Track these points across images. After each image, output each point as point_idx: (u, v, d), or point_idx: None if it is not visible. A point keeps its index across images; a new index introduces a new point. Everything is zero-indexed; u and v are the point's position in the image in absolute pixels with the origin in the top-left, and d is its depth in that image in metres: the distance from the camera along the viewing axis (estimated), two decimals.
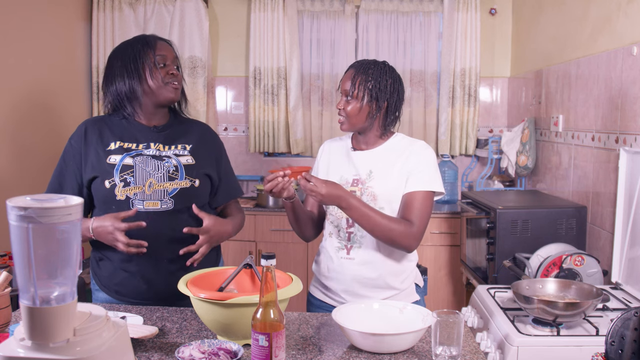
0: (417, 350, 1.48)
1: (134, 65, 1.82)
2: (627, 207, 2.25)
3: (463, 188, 4.13)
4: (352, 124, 1.88)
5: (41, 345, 1.02)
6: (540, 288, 1.97)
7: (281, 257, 3.66)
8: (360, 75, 1.85)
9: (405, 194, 1.84)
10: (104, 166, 1.80)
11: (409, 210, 1.81)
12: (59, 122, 3.68)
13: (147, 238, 1.75)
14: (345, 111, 1.87)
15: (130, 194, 1.78)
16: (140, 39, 1.88)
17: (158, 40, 1.89)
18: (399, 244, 1.79)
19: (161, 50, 1.86)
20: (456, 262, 3.61)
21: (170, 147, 1.88)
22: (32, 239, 0.99)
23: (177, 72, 1.88)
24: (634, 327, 1.24)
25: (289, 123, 4.16)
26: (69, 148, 1.87)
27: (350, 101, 1.86)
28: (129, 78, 1.83)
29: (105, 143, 1.84)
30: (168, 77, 1.84)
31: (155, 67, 1.83)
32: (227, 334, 1.49)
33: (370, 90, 1.84)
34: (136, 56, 1.83)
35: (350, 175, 1.90)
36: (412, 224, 1.79)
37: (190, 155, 1.89)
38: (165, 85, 1.84)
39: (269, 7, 4.09)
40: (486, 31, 4.13)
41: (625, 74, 2.40)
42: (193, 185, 1.85)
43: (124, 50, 1.86)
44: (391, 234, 1.77)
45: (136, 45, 1.85)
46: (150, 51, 1.83)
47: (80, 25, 4.06)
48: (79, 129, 1.88)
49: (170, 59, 1.87)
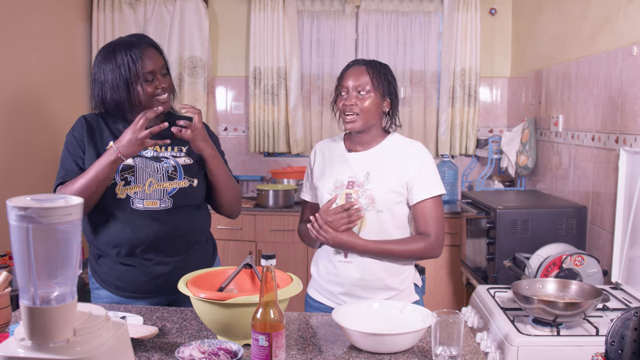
0: (417, 350, 1.48)
1: (121, 82, 1.77)
2: (627, 207, 2.25)
3: (463, 188, 4.13)
4: (365, 120, 1.83)
5: (41, 345, 1.02)
6: (540, 288, 1.97)
7: (281, 257, 3.66)
8: (373, 70, 1.83)
9: (415, 204, 1.86)
10: None
11: (424, 222, 1.85)
12: (58, 122, 3.68)
13: (147, 236, 1.81)
14: (359, 107, 1.81)
15: (130, 192, 1.80)
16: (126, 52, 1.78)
17: (145, 49, 1.80)
18: (423, 259, 1.89)
19: (149, 64, 1.79)
20: (456, 262, 3.61)
21: (166, 149, 1.89)
22: (32, 239, 0.99)
23: (166, 84, 1.84)
24: (634, 327, 1.24)
25: (289, 123, 4.16)
26: (72, 139, 1.86)
27: (365, 96, 1.81)
28: (115, 93, 1.78)
29: (105, 142, 1.85)
30: (157, 91, 1.82)
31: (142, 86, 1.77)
32: (227, 334, 1.49)
33: (383, 86, 1.83)
34: (121, 75, 1.77)
35: (345, 177, 1.88)
36: (428, 236, 1.84)
37: (187, 155, 1.90)
38: (153, 99, 1.81)
39: (269, 7, 4.09)
40: (486, 31, 4.13)
41: (625, 74, 2.40)
42: (192, 185, 1.88)
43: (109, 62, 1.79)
44: (411, 255, 1.86)
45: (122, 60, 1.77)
46: (137, 68, 1.77)
47: (80, 25, 4.06)
48: (79, 123, 1.88)
49: (158, 69, 1.82)
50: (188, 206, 1.88)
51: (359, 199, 1.84)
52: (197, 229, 1.94)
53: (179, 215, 1.85)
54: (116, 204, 1.80)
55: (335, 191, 1.88)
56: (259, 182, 4.22)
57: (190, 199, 1.88)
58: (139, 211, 1.80)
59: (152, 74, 1.80)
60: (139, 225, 1.80)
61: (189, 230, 1.88)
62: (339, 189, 1.87)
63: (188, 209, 1.88)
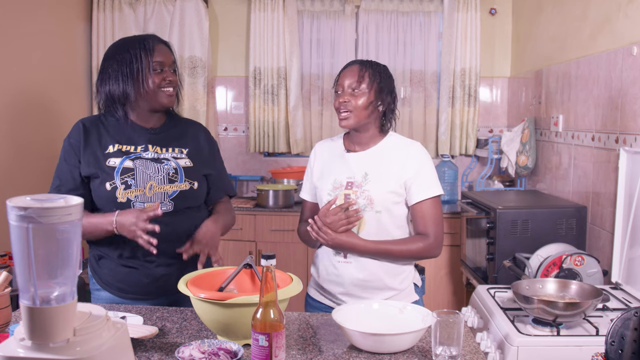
0: (417, 350, 1.48)
1: (129, 69, 1.80)
2: (627, 207, 2.24)
3: (463, 188, 4.13)
4: (358, 118, 1.84)
5: (41, 345, 1.02)
6: (540, 288, 1.97)
7: (281, 257, 3.66)
8: (367, 69, 1.85)
9: (413, 205, 1.87)
10: (104, 168, 1.81)
11: (423, 222, 1.86)
12: (58, 122, 3.68)
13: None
14: (352, 104, 1.83)
15: (131, 196, 1.80)
16: (139, 42, 1.85)
17: (157, 43, 1.86)
18: (423, 258, 1.90)
19: (159, 55, 1.83)
20: (456, 262, 3.61)
21: (167, 150, 1.89)
22: (32, 239, 0.99)
23: (173, 78, 1.87)
24: (634, 327, 1.24)
25: (289, 123, 4.16)
26: (67, 146, 1.86)
27: (358, 94, 1.83)
28: (123, 82, 1.81)
29: (103, 145, 1.85)
30: (164, 83, 1.84)
31: (150, 73, 1.81)
32: (227, 334, 1.49)
33: (378, 85, 1.84)
34: (132, 60, 1.81)
35: (344, 177, 1.88)
36: (427, 236, 1.85)
37: (187, 157, 1.90)
38: (159, 90, 1.83)
39: (269, 7, 4.09)
40: (486, 31, 4.13)
41: (625, 74, 2.40)
42: (192, 188, 1.88)
43: (121, 51, 1.84)
44: (411, 255, 1.87)
45: (134, 48, 1.82)
46: (147, 56, 1.81)
47: (80, 25, 4.06)
48: (76, 128, 1.88)
49: (167, 64, 1.85)
50: (189, 208, 1.88)
51: (357, 199, 1.84)
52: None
53: (180, 218, 1.85)
54: (117, 208, 1.79)
55: (334, 192, 1.88)
56: (259, 182, 4.22)
57: (191, 201, 1.89)
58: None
59: (161, 65, 1.83)
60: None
61: (190, 231, 1.88)
62: (338, 190, 1.87)
63: (189, 211, 1.88)
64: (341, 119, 1.86)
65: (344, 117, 1.85)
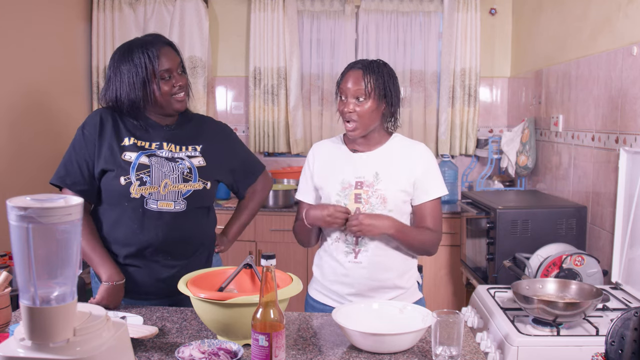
0: (417, 350, 1.48)
1: (136, 81, 1.78)
2: (627, 207, 2.25)
3: (463, 188, 4.13)
4: (366, 126, 1.83)
5: (41, 345, 1.02)
6: (540, 288, 1.97)
7: (281, 257, 3.66)
8: (371, 75, 1.82)
9: (418, 205, 1.89)
10: (119, 162, 1.80)
11: (429, 219, 1.89)
12: (59, 122, 3.68)
13: (158, 237, 1.81)
14: (359, 113, 1.81)
15: (145, 193, 1.80)
16: (143, 50, 1.79)
17: (161, 47, 1.82)
18: (429, 252, 1.91)
19: (165, 62, 1.80)
20: (456, 262, 3.61)
21: (182, 149, 1.89)
22: (32, 239, 0.99)
23: (182, 82, 1.85)
24: (634, 327, 1.24)
25: (289, 123, 4.16)
26: (80, 137, 1.84)
27: (363, 102, 1.80)
28: (132, 93, 1.79)
29: (119, 137, 1.83)
30: (174, 90, 1.83)
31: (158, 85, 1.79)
32: (227, 334, 1.49)
33: (382, 89, 1.82)
34: (138, 72, 1.78)
35: (352, 177, 1.88)
36: (434, 231, 1.89)
37: (201, 156, 1.90)
38: (171, 98, 1.83)
39: (269, 7, 4.09)
40: (486, 31, 4.13)
41: (625, 74, 2.40)
42: (205, 188, 1.88)
43: (126, 61, 1.80)
44: (422, 243, 1.88)
45: (139, 58, 1.78)
46: (153, 65, 1.78)
47: (80, 25, 4.06)
48: (92, 118, 1.85)
49: (175, 67, 1.83)
50: (200, 209, 1.89)
51: (369, 199, 1.84)
52: (205, 233, 1.95)
53: (189, 219, 1.86)
54: (129, 204, 1.79)
55: (342, 192, 1.87)
56: None
57: (203, 201, 1.89)
58: (152, 212, 1.79)
59: (168, 72, 1.81)
60: (150, 226, 1.80)
61: (197, 233, 1.89)
62: (347, 190, 1.87)
63: (199, 212, 1.89)
64: (349, 130, 1.85)
65: (352, 128, 1.83)
